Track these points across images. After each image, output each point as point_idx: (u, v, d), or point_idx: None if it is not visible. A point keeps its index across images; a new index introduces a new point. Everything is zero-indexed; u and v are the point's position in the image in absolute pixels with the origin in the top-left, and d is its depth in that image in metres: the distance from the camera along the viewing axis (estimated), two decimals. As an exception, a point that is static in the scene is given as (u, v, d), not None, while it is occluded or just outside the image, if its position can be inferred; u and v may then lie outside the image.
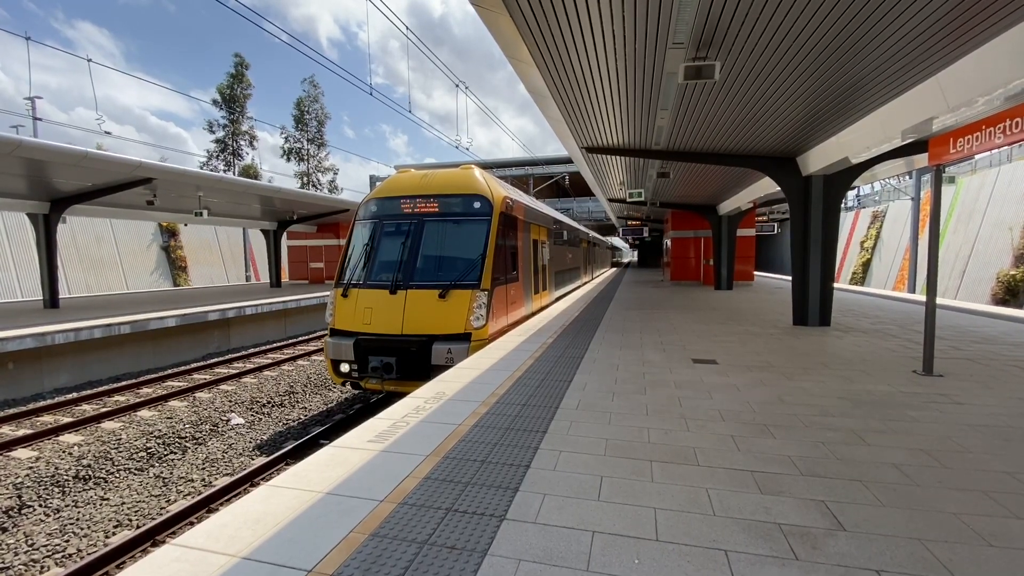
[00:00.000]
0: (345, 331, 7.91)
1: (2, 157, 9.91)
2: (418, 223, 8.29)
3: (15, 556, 4.89)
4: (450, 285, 7.66)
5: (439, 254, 8.20)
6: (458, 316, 7.52)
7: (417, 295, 7.71)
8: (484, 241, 8.01)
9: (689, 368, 6.07)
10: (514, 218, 9.31)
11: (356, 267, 8.39)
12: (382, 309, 7.72)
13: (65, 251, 22.65)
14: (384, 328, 7.63)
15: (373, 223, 8.63)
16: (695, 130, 8.44)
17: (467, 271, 7.82)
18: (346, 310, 8.01)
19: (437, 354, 7.31)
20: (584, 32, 4.87)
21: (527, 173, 38.92)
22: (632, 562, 2.28)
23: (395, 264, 8.04)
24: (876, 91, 6.19)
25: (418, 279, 7.85)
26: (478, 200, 8.25)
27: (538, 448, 3.60)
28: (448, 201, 8.34)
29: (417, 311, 7.59)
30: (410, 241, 8.16)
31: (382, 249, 8.40)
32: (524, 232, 10.19)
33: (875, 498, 2.85)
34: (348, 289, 8.14)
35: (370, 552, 2.36)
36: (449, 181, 8.58)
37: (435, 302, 7.62)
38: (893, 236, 30.03)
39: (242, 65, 43.21)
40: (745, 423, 4.11)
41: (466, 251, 8.05)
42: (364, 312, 7.82)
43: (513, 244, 9.29)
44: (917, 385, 5.25)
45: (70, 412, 9.25)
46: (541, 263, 12.26)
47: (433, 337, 7.44)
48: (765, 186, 12.71)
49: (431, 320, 7.55)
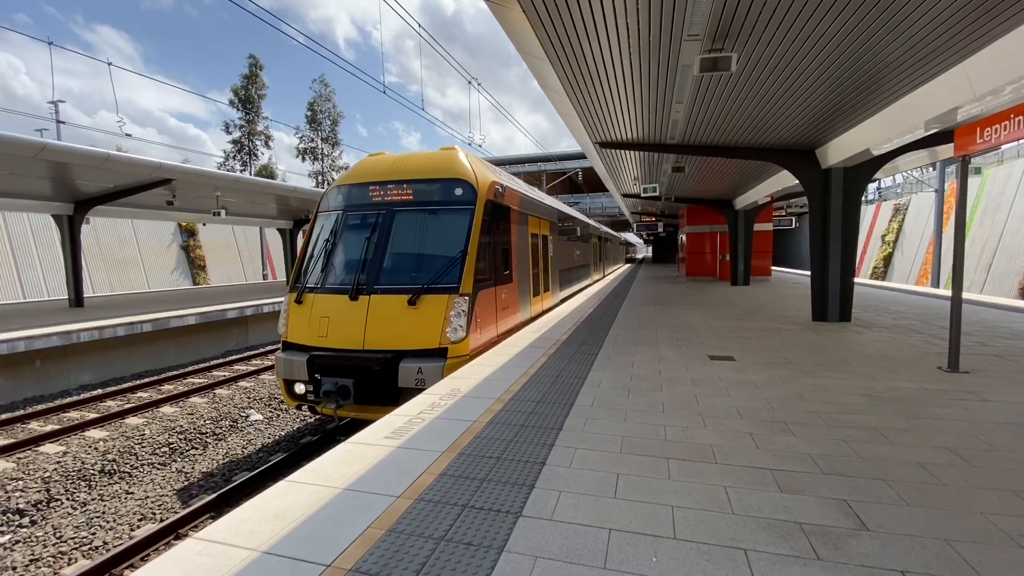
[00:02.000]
0: (299, 345, 6.67)
1: (28, 160, 10.17)
2: (387, 214, 6.99)
3: (44, 548, 5.04)
4: (422, 289, 6.38)
5: (411, 251, 6.90)
6: (431, 327, 6.25)
7: (382, 302, 6.43)
8: (466, 235, 6.72)
9: (706, 365, 6.00)
10: (506, 208, 8.08)
11: (313, 268, 7.16)
12: (340, 318, 6.47)
13: (89, 251, 23.20)
14: (342, 342, 6.37)
15: (336, 215, 7.36)
16: (711, 123, 8.32)
17: (444, 272, 6.53)
18: (300, 319, 6.77)
19: (405, 374, 5.98)
20: (597, 25, 4.82)
21: (540, 169, 38.80)
22: (650, 560, 2.26)
23: (358, 264, 6.78)
24: (899, 80, 6.03)
25: (384, 282, 6.59)
26: (459, 186, 6.97)
27: (553, 445, 3.59)
28: (424, 187, 7.05)
29: (382, 321, 6.33)
30: (377, 236, 6.86)
31: (344, 245, 7.12)
32: (520, 225, 8.98)
33: (899, 497, 2.79)
34: (303, 294, 6.89)
35: (388, 548, 2.38)
36: (426, 164, 7.30)
37: (404, 310, 6.33)
38: (916, 229, 29.33)
39: (256, 66, 43.72)
40: (764, 421, 4.05)
41: (444, 247, 6.76)
42: (319, 322, 6.56)
43: (505, 239, 8.06)
44: (942, 382, 5.12)
45: (95, 408, 9.49)
46: (543, 261, 11.05)
47: (401, 353, 6.17)
48: (783, 179, 12.50)
49: (399, 332, 6.28)
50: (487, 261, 7.13)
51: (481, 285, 6.84)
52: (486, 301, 7.10)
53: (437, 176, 7.11)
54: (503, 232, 7.98)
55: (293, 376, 6.51)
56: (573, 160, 37.08)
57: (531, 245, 9.77)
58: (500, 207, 7.72)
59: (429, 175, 7.13)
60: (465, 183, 6.99)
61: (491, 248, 7.30)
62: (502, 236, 7.93)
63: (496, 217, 7.53)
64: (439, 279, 6.49)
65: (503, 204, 7.86)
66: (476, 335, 6.67)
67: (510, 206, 8.30)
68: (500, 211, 7.74)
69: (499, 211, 7.70)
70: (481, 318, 6.87)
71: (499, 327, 7.72)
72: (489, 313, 7.25)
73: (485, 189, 7.06)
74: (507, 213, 8.15)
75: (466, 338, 6.37)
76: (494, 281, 7.41)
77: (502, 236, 7.93)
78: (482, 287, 6.90)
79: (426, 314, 6.30)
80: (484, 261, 6.97)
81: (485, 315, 7.05)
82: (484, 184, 7.11)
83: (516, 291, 8.62)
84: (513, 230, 8.48)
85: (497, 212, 7.59)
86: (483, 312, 6.95)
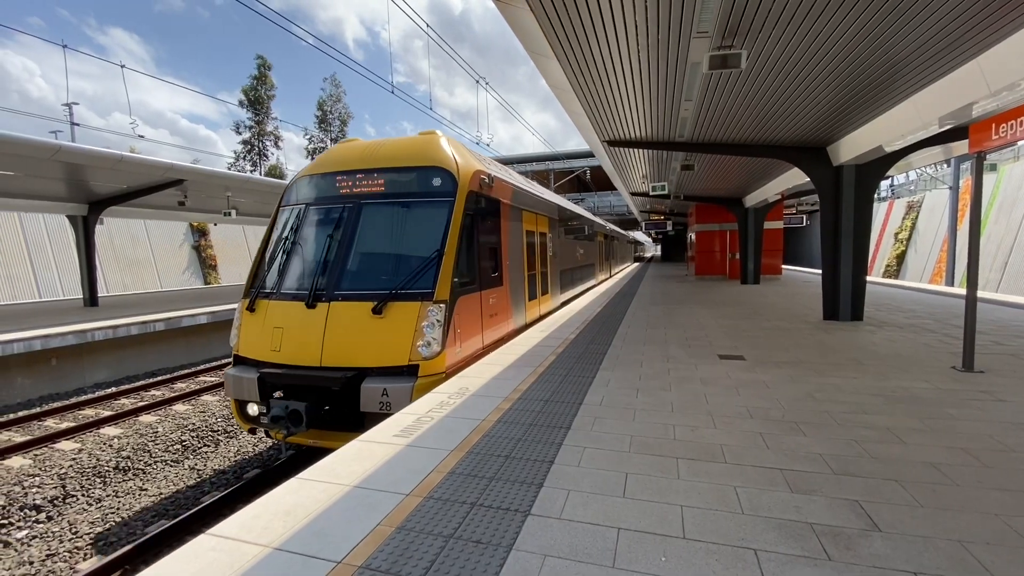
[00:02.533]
0: (251, 360, 5.88)
1: (43, 162, 10.34)
2: (354, 208, 6.16)
3: (60, 544, 5.13)
4: (389, 295, 5.50)
5: (379, 251, 6.09)
6: (399, 340, 5.38)
7: (343, 310, 5.58)
8: (443, 232, 5.85)
9: (715, 364, 5.97)
10: (495, 201, 7.24)
11: (269, 270, 6.37)
12: (295, 330, 5.65)
13: (103, 251, 23.52)
14: (297, 357, 5.54)
15: (298, 209, 6.59)
16: (720, 121, 8.26)
17: (416, 275, 5.66)
18: (252, 330, 5.96)
19: (367, 396, 5.14)
20: (606, 23, 4.80)
21: (548, 168, 38.75)
22: (659, 559, 2.26)
23: (318, 266, 5.97)
24: (912, 76, 5.95)
25: (347, 287, 5.74)
26: (437, 175, 6.15)
27: (562, 444, 3.59)
28: (396, 177, 6.22)
29: (342, 333, 5.49)
30: (341, 233, 6.05)
31: (303, 245, 6.33)
32: (513, 221, 8.13)
33: (912, 498, 2.76)
34: (256, 301, 6.09)
35: (397, 545, 2.40)
36: (400, 151, 6.46)
37: (368, 320, 5.47)
38: (930, 227, 28.92)
39: (264, 66, 44.09)
40: (774, 420, 4.02)
41: (417, 246, 5.93)
42: (272, 334, 5.73)
43: (494, 236, 7.27)
44: (956, 382, 5.05)
45: (110, 406, 9.64)
46: (541, 261, 10.18)
47: (364, 371, 5.34)
48: (793, 177, 12.38)
49: (362, 346, 5.43)
50: (470, 262, 6.32)
51: (462, 290, 6.00)
52: (468, 308, 6.22)
53: (411, 164, 6.27)
54: (491, 228, 7.17)
55: (243, 396, 5.68)
56: (581, 159, 36.98)
57: (526, 243, 9.00)
58: (487, 200, 6.92)
59: (402, 163, 6.29)
60: (444, 171, 6.16)
61: (475, 247, 6.49)
62: (490, 233, 7.12)
63: (482, 211, 6.74)
64: (410, 283, 5.62)
65: (491, 197, 7.04)
66: (454, 348, 5.79)
67: (500, 199, 7.47)
68: (487, 204, 6.95)
69: (486, 204, 6.89)
70: (461, 328, 5.98)
71: (486, 337, 6.88)
72: (472, 322, 6.35)
73: (467, 179, 6.21)
74: (496, 207, 7.34)
75: (441, 353, 5.46)
76: (479, 285, 6.58)
77: (490, 233, 7.12)
78: (463, 292, 6.05)
79: (393, 325, 5.44)
80: (466, 262, 6.18)
81: (466, 325, 6.16)
82: (466, 173, 6.26)
83: (507, 295, 7.78)
84: (504, 226, 7.66)
85: (483, 205, 6.77)
86: (464, 321, 6.08)
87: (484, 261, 6.81)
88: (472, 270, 6.37)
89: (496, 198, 7.26)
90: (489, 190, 6.92)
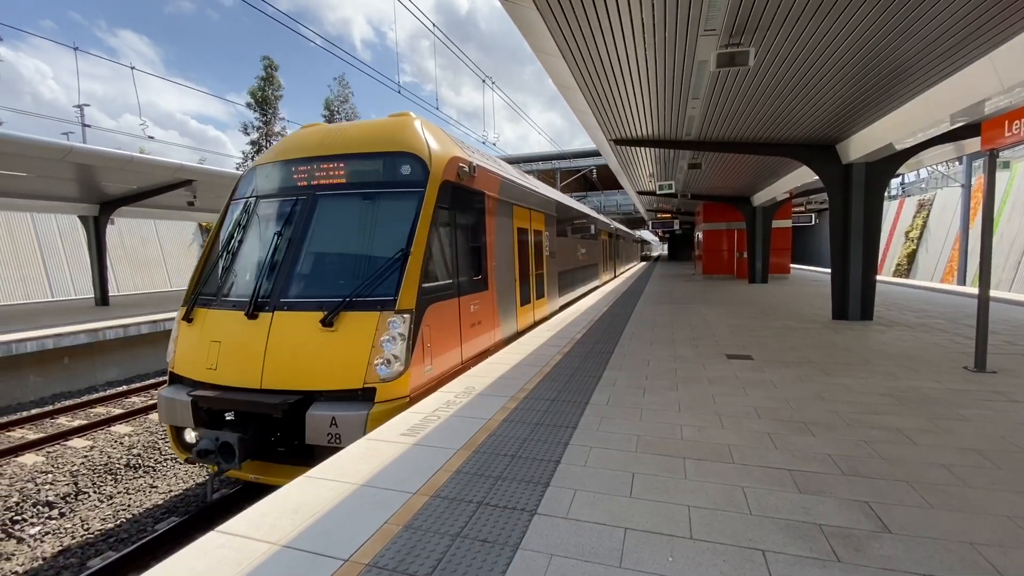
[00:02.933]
0: (187, 379, 5.06)
1: (55, 163, 10.47)
2: (308, 201, 5.36)
3: (72, 539, 5.20)
4: (341, 304, 4.65)
5: (335, 251, 5.28)
6: (353, 358, 4.52)
7: (289, 321, 4.75)
8: (410, 227, 5.05)
9: (723, 364, 5.94)
10: (478, 194, 6.47)
11: (211, 273, 5.58)
12: (234, 344, 4.85)
13: (114, 251, 23.78)
14: (235, 377, 4.71)
15: (248, 203, 5.76)
16: (728, 119, 8.21)
17: (376, 279, 4.81)
18: (188, 343, 5.16)
19: (313, 426, 4.29)
20: (612, 21, 4.79)
21: (554, 167, 38.69)
22: (666, 560, 2.25)
23: (263, 268, 5.14)
24: (923, 73, 5.88)
25: (294, 294, 4.93)
26: (406, 162, 5.34)
27: (568, 444, 3.59)
28: (359, 165, 5.43)
29: (287, 349, 4.66)
30: (292, 230, 5.23)
31: (249, 244, 5.53)
32: (501, 216, 7.33)
33: (923, 500, 2.73)
34: (194, 309, 5.29)
35: (404, 543, 2.40)
36: (365, 135, 5.68)
37: (317, 334, 4.62)
38: (941, 225, 28.58)
39: (271, 67, 44.32)
40: (782, 420, 3.99)
41: (379, 245, 5.13)
42: (209, 349, 4.93)
43: (476, 233, 6.45)
44: (968, 382, 4.99)
45: (121, 404, 9.75)
46: (535, 261, 9.37)
47: (311, 396, 4.50)
48: (802, 175, 12.29)
49: (309, 365, 4.58)
50: (445, 263, 5.57)
51: (433, 296, 5.20)
52: (442, 317, 5.39)
53: (376, 149, 5.45)
54: (473, 224, 6.35)
55: (176, 421, 4.86)
56: (587, 157, 36.89)
57: (518, 242, 8.22)
58: (468, 192, 6.13)
59: (366, 148, 5.50)
60: (413, 158, 5.35)
61: (452, 245, 5.73)
62: (471, 230, 6.31)
63: (461, 205, 5.94)
64: (367, 289, 4.76)
65: (472, 188, 6.26)
66: (422, 367, 4.91)
67: (485, 192, 6.68)
68: (467, 197, 6.16)
69: (466, 197, 6.09)
70: (433, 342, 5.14)
71: (466, 349, 6.03)
72: (447, 333, 5.52)
73: (441, 166, 5.42)
74: (479, 200, 6.55)
75: (404, 373, 4.59)
76: (457, 289, 5.76)
77: (471, 230, 6.31)
78: (436, 298, 5.24)
79: (346, 339, 4.59)
80: (440, 263, 5.45)
81: (440, 337, 5.32)
82: (440, 160, 5.46)
83: (494, 301, 6.97)
84: (489, 223, 6.83)
85: (462, 198, 5.98)
86: (437, 333, 5.23)
87: (464, 262, 5.99)
88: (448, 272, 5.61)
89: (480, 190, 6.51)
90: (470, 180, 6.12)
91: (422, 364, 4.92)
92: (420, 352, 4.88)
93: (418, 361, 4.84)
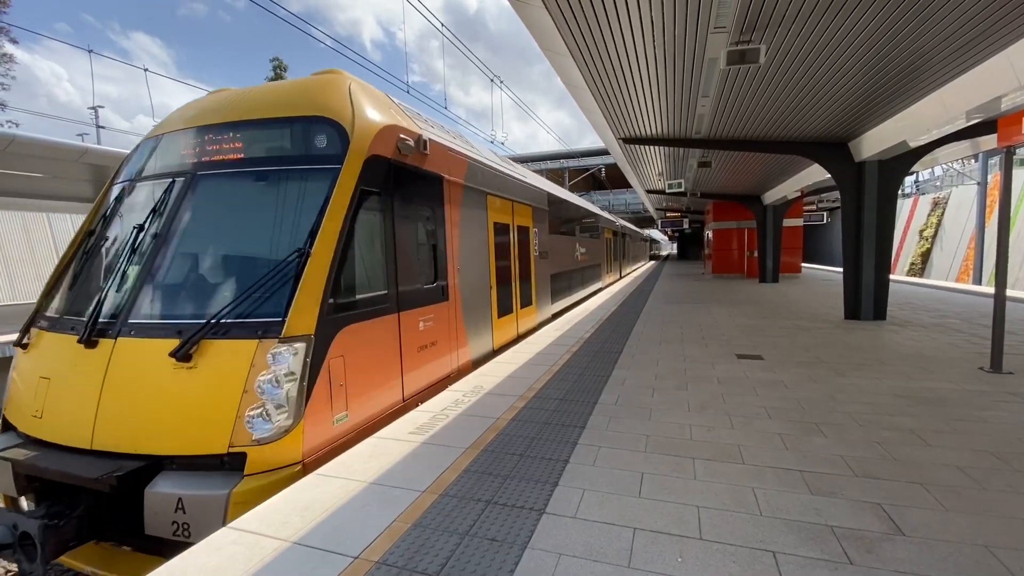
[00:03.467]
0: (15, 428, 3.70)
1: (71, 164, 10.64)
2: (185, 183, 4.01)
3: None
4: (202, 328, 3.31)
5: (211, 252, 3.95)
6: (215, 408, 3.21)
7: (135, 352, 3.41)
8: (314, 218, 3.70)
9: (733, 364, 5.89)
10: (429, 177, 5.11)
11: (60, 284, 4.25)
12: (63, 383, 3.52)
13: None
14: (60, 430, 3.39)
15: (124, 188, 4.44)
16: (739, 117, 8.15)
17: (259, 291, 3.46)
18: (21, 379, 3.83)
19: (154, 511, 2.99)
20: (621, 20, 4.77)
21: (562, 166, 38.66)
22: (675, 560, 2.24)
23: (113, 277, 3.83)
24: (938, 69, 5.79)
25: (147, 312, 3.58)
26: (318, 129, 3.98)
27: (577, 443, 3.58)
28: (259, 134, 4.05)
29: (130, 392, 3.32)
30: (159, 224, 3.89)
31: (108, 243, 4.23)
32: (467, 208, 6.00)
33: (937, 502, 2.69)
34: (29, 332, 3.99)
35: (413, 541, 2.42)
36: (275, 97, 4.26)
37: (169, 372, 3.27)
38: (956, 224, 28.15)
39: (280, 68, 44.67)
40: (793, 421, 3.96)
41: (271, 244, 3.78)
42: (37, 388, 3.60)
43: (429, 228, 5.12)
44: (984, 383, 4.91)
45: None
46: (521, 263, 8.15)
47: (158, 462, 3.16)
48: (814, 173, 12.16)
49: (156, 416, 3.24)
50: (375, 268, 4.22)
51: (352, 314, 3.80)
52: (368, 342, 3.98)
53: (280, 114, 4.07)
54: (425, 217, 5.05)
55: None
56: (596, 156, 36.82)
57: (495, 240, 6.96)
58: (413, 174, 4.80)
59: (268, 113, 4.11)
60: (327, 124, 3.97)
61: (387, 244, 4.35)
62: (422, 224, 5.00)
63: (403, 189, 4.60)
64: (245, 307, 3.40)
65: (422, 170, 4.94)
66: (328, 416, 3.51)
67: (444, 176, 5.43)
68: (415, 180, 4.83)
69: (412, 180, 4.77)
70: (350, 378, 3.73)
71: (410, 382, 4.60)
72: (377, 363, 4.12)
73: (369, 136, 4.05)
74: (435, 186, 5.26)
75: (295, 429, 3.24)
76: (395, 303, 4.39)
77: (422, 224, 5.00)
78: (355, 317, 3.83)
79: (208, 380, 3.25)
80: (366, 267, 4.10)
81: (364, 369, 3.91)
82: (367, 128, 4.09)
83: (457, 314, 5.64)
84: (451, 215, 5.57)
85: (406, 181, 4.65)
86: (358, 365, 3.83)
87: (408, 265, 4.67)
88: (380, 280, 4.25)
89: (435, 173, 5.22)
90: (420, 159, 4.87)
91: (327, 413, 3.50)
92: (324, 396, 3.47)
93: (319, 409, 3.42)
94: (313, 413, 3.38)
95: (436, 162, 5.25)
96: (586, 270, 14.64)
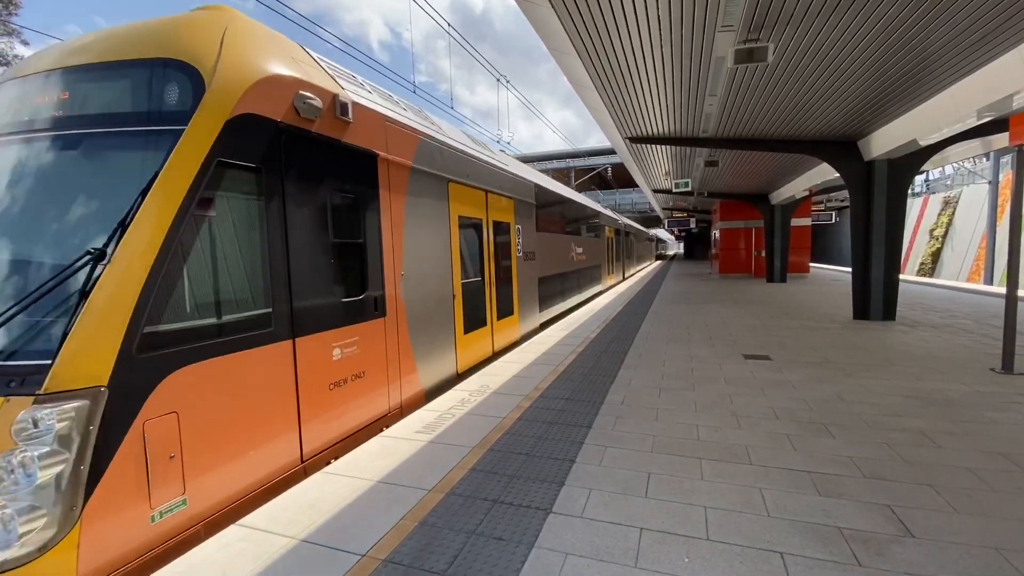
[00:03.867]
0: None
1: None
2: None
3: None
4: None
5: None
6: None
7: None
8: (132, 203, 2.57)
9: (740, 364, 5.87)
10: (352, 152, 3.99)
11: None
12: None
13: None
14: None
15: None
16: (746, 116, 8.10)
17: (27, 317, 2.43)
18: None
19: None
20: (628, 19, 4.76)
21: (568, 165, 38.58)
22: (682, 560, 2.24)
23: None
24: (948, 67, 5.73)
25: None
26: (168, 76, 2.93)
27: (583, 443, 3.58)
28: (90, 88, 3.04)
29: None
30: None
31: None
32: (417, 197, 4.90)
33: (947, 504, 2.67)
34: None
35: (420, 539, 2.43)
36: (125, 37, 3.14)
37: None
38: (967, 223, 27.83)
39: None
40: (801, 422, 3.93)
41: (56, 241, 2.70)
42: None
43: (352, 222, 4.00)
44: (995, 384, 4.86)
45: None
46: (496, 265, 7.04)
47: None
48: (823, 172, 12.07)
49: None
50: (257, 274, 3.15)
51: (197, 347, 2.71)
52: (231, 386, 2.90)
53: (121, 57, 3.04)
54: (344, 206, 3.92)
55: None
56: (602, 156, 36.71)
57: (461, 238, 5.93)
58: (322, 145, 3.65)
59: (109, 56, 3.07)
60: (177, 70, 2.94)
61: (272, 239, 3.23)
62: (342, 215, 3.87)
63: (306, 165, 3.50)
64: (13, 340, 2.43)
65: (337, 142, 3.80)
66: (128, 515, 2.38)
67: (380, 153, 4.29)
68: (327, 155, 3.70)
69: (321, 153, 3.64)
70: (192, 447, 2.66)
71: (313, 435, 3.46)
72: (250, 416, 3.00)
73: (237, 88, 2.99)
74: (363, 164, 4.13)
75: (61, 540, 2.15)
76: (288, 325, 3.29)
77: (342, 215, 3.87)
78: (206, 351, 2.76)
79: None
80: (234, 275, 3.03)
81: (215, 432, 2.79)
82: (237, 77, 3.01)
83: (401, 332, 4.56)
84: (391, 205, 4.46)
85: (310, 154, 3.54)
86: (207, 425, 2.75)
87: (313, 272, 3.54)
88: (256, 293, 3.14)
89: (365, 149, 4.11)
90: (336, 128, 3.77)
91: (137, 506, 2.40)
92: (130, 481, 2.38)
93: (119, 502, 2.33)
94: (103, 511, 2.25)
95: (367, 135, 4.12)
96: (583, 272, 13.46)
